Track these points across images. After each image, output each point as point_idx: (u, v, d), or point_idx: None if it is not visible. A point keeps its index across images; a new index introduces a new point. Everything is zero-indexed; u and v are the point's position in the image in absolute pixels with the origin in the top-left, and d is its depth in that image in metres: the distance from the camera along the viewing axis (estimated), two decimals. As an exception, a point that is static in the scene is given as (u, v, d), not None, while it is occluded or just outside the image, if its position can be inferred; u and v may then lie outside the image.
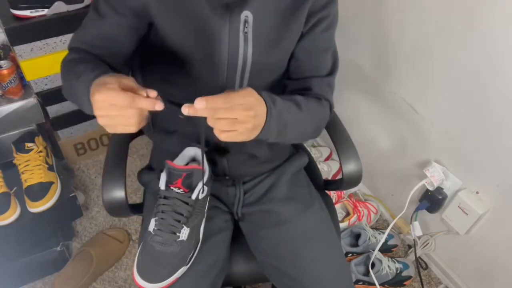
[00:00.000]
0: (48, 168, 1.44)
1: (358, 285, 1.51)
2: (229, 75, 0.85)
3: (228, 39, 0.82)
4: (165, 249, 0.81)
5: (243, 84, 0.87)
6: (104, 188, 0.92)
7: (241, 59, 0.84)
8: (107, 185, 0.92)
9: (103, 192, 0.92)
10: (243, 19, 0.81)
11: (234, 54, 0.83)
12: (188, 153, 0.90)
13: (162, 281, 0.82)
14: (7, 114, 1.48)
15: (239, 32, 0.81)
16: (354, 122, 1.08)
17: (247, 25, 0.81)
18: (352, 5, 1.45)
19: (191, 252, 0.86)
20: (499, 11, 1.04)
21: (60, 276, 1.48)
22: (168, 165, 0.82)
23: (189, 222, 0.84)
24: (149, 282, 0.81)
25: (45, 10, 1.41)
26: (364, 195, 1.80)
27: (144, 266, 0.82)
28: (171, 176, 0.82)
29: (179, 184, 0.82)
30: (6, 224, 1.34)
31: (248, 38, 0.82)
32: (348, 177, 1.02)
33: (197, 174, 0.83)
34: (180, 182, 0.82)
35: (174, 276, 0.83)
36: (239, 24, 0.81)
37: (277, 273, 0.96)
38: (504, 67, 1.08)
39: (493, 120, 1.17)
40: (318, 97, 0.92)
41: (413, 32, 1.30)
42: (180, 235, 0.83)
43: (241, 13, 0.80)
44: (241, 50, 0.83)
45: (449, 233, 1.45)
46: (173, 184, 0.82)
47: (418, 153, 1.46)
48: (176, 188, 0.83)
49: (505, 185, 1.21)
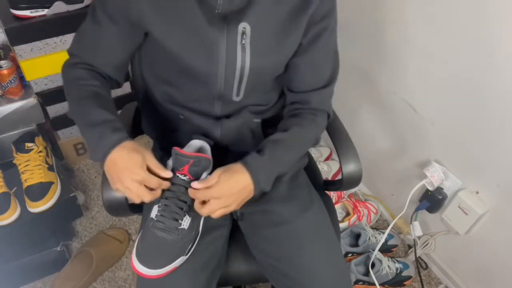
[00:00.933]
0: (48, 168, 1.44)
1: (358, 285, 1.51)
2: (227, 83, 0.86)
3: (225, 50, 0.82)
4: (166, 236, 0.82)
5: (240, 90, 0.88)
6: (104, 188, 0.92)
7: (238, 69, 0.84)
8: (107, 184, 0.92)
9: (103, 192, 0.92)
10: (240, 31, 0.81)
11: (232, 65, 0.84)
12: (194, 143, 0.90)
13: (161, 268, 0.81)
14: (7, 114, 1.48)
15: (236, 44, 0.81)
16: (354, 122, 1.08)
17: (245, 36, 0.81)
18: (352, 5, 1.45)
19: (190, 242, 0.86)
20: (499, 12, 1.04)
21: (60, 276, 1.48)
22: (176, 151, 0.82)
23: (192, 211, 0.84)
24: (148, 268, 0.81)
25: (45, 10, 1.41)
26: (364, 195, 1.80)
27: (144, 252, 0.81)
28: (178, 162, 0.82)
29: (185, 171, 0.82)
30: (6, 224, 1.34)
31: (246, 49, 0.82)
32: (348, 178, 1.02)
33: (204, 162, 0.83)
34: (187, 168, 0.82)
35: (173, 265, 0.83)
36: (237, 35, 0.81)
37: (276, 273, 0.96)
38: (504, 68, 1.08)
39: (493, 120, 1.17)
40: (314, 113, 0.94)
41: (413, 32, 1.30)
42: (182, 223, 0.83)
43: (238, 24, 0.80)
44: (238, 60, 0.83)
45: (449, 233, 1.45)
46: (180, 170, 0.83)
47: (418, 153, 1.46)
48: (182, 175, 0.83)
49: (505, 185, 1.21)
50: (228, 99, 0.89)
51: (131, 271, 1.55)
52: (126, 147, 0.78)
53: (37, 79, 1.52)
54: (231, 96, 0.88)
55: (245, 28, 0.81)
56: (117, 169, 0.78)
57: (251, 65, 0.84)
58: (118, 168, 0.77)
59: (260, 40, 0.83)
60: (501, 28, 1.05)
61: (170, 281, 0.86)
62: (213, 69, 0.84)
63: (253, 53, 0.83)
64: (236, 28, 0.80)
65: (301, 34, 0.85)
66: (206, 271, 0.92)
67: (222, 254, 0.98)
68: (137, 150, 0.78)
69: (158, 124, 1.00)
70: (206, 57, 0.83)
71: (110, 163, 0.78)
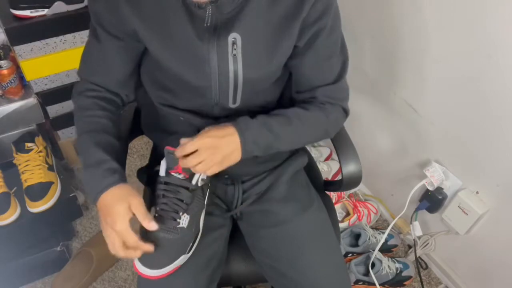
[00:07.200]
0: (48, 168, 1.44)
1: (358, 285, 1.51)
2: (222, 94, 0.86)
3: (217, 62, 0.82)
4: (166, 235, 0.82)
5: (236, 97, 0.87)
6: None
7: (232, 80, 0.84)
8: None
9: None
10: (231, 42, 0.80)
11: (225, 76, 0.83)
12: None
13: (163, 267, 0.81)
14: (7, 114, 1.48)
15: (227, 55, 0.81)
16: (354, 122, 1.08)
17: (236, 47, 0.81)
18: (352, 5, 1.45)
19: (191, 240, 0.86)
20: (499, 12, 1.04)
21: (60, 276, 1.48)
22: (168, 151, 0.82)
23: (190, 209, 0.84)
24: (150, 268, 0.81)
25: (45, 10, 1.41)
26: (364, 195, 1.80)
27: (145, 253, 0.81)
28: (171, 161, 0.83)
29: (179, 169, 0.83)
30: (6, 224, 1.34)
31: (237, 60, 0.82)
32: (347, 178, 1.02)
33: None
34: (180, 167, 0.83)
35: (174, 264, 0.83)
36: (227, 47, 0.80)
37: (275, 273, 0.96)
38: (505, 68, 1.08)
39: (493, 120, 1.17)
40: (321, 105, 0.91)
41: (413, 32, 1.29)
42: (180, 222, 0.83)
43: (228, 35, 0.80)
44: (231, 71, 0.83)
45: (449, 233, 1.45)
46: (174, 169, 0.83)
47: (418, 153, 1.46)
48: (176, 173, 0.83)
49: (505, 185, 1.21)
50: (225, 106, 0.89)
51: (131, 271, 1.55)
52: (114, 194, 0.78)
53: (37, 79, 1.52)
54: (228, 105, 0.88)
55: (235, 39, 0.80)
56: (102, 214, 0.79)
57: (244, 74, 0.83)
58: (103, 214, 0.79)
59: (251, 50, 0.82)
60: (502, 28, 1.05)
61: (172, 282, 0.86)
62: (206, 82, 0.84)
63: (245, 63, 0.82)
64: (226, 39, 0.80)
65: (294, 39, 0.83)
66: (207, 272, 0.92)
67: (223, 254, 0.98)
68: (123, 199, 0.77)
69: (157, 125, 1.00)
70: (199, 71, 0.83)
71: (99, 207, 0.79)
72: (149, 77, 0.94)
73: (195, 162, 0.80)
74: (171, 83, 0.89)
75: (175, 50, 0.82)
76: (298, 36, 0.83)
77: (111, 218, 0.77)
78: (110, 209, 0.77)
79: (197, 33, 0.80)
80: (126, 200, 0.77)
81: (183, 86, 0.87)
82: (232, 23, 0.79)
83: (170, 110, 0.93)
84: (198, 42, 0.80)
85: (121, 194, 0.78)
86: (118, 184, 0.79)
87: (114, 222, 0.76)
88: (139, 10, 0.80)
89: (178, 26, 0.80)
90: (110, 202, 0.77)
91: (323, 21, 0.82)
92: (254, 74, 0.85)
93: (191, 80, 0.85)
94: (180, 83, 0.87)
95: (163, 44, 0.82)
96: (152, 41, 0.83)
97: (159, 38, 0.82)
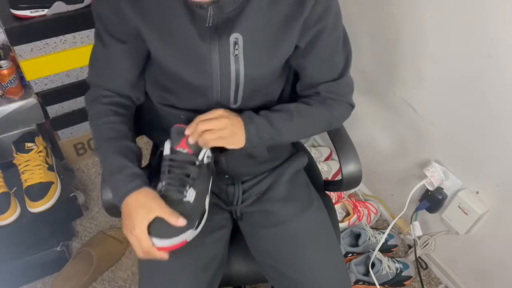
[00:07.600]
0: (48, 168, 1.44)
1: (358, 285, 1.51)
2: (223, 94, 0.87)
3: (218, 62, 0.82)
4: (173, 208, 0.81)
5: (238, 97, 0.88)
6: (103, 189, 0.92)
7: (233, 80, 0.84)
8: (105, 185, 0.92)
9: (102, 192, 0.92)
10: (232, 42, 0.80)
11: (226, 76, 0.84)
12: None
13: (171, 237, 0.80)
14: (7, 114, 1.48)
15: (229, 55, 0.81)
16: (353, 122, 1.08)
17: (237, 47, 0.81)
18: (352, 5, 1.45)
19: (198, 217, 0.85)
20: (499, 12, 1.04)
21: (60, 276, 1.48)
22: (177, 128, 0.84)
23: (196, 185, 0.84)
24: (158, 238, 0.80)
25: (45, 10, 1.41)
26: (364, 195, 1.80)
27: (153, 224, 0.81)
28: (176, 138, 0.84)
29: (183, 145, 0.83)
30: (6, 224, 1.34)
31: (239, 60, 0.82)
32: (347, 178, 1.02)
33: None
34: (184, 142, 0.83)
35: (182, 236, 0.81)
36: (229, 47, 0.81)
37: (275, 273, 0.96)
38: (505, 68, 1.08)
39: (493, 120, 1.17)
40: (325, 100, 0.92)
41: (413, 32, 1.29)
42: (186, 195, 0.83)
43: (230, 35, 0.80)
44: (232, 71, 0.83)
45: (449, 233, 1.45)
46: (178, 145, 0.84)
47: (418, 153, 1.46)
48: (181, 148, 0.84)
49: (505, 185, 1.21)
50: (226, 106, 0.89)
51: (131, 271, 1.55)
52: (135, 199, 0.81)
53: (37, 79, 1.52)
54: (228, 104, 0.89)
55: (237, 39, 0.80)
56: (123, 218, 0.83)
57: (245, 74, 0.84)
58: (124, 218, 0.82)
59: (252, 49, 0.82)
60: (502, 28, 1.05)
61: (173, 283, 0.86)
62: (208, 82, 0.85)
63: (247, 62, 0.83)
64: (227, 39, 0.80)
65: (295, 38, 0.84)
66: (209, 273, 0.92)
67: (224, 255, 0.98)
68: (143, 204, 0.80)
69: (157, 125, 1.00)
70: (200, 71, 0.83)
71: (122, 211, 0.83)
72: (149, 77, 0.94)
73: (205, 127, 0.81)
74: (172, 83, 0.89)
75: (176, 50, 0.83)
76: (299, 36, 0.84)
77: (130, 223, 0.79)
78: (130, 214, 0.80)
79: (198, 33, 0.80)
80: (145, 205, 0.80)
81: (183, 86, 0.88)
82: (233, 23, 0.80)
83: (170, 110, 0.93)
84: (199, 42, 0.80)
85: (142, 200, 0.81)
86: (139, 188, 0.81)
87: (132, 227, 0.79)
88: (140, 10, 0.80)
89: (179, 26, 0.80)
90: (131, 207, 0.80)
91: (325, 21, 0.83)
92: (255, 73, 0.85)
93: (192, 80, 0.85)
94: (180, 83, 0.87)
95: (164, 44, 0.82)
96: (153, 41, 0.83)
97: (160, 37, 0.82)
